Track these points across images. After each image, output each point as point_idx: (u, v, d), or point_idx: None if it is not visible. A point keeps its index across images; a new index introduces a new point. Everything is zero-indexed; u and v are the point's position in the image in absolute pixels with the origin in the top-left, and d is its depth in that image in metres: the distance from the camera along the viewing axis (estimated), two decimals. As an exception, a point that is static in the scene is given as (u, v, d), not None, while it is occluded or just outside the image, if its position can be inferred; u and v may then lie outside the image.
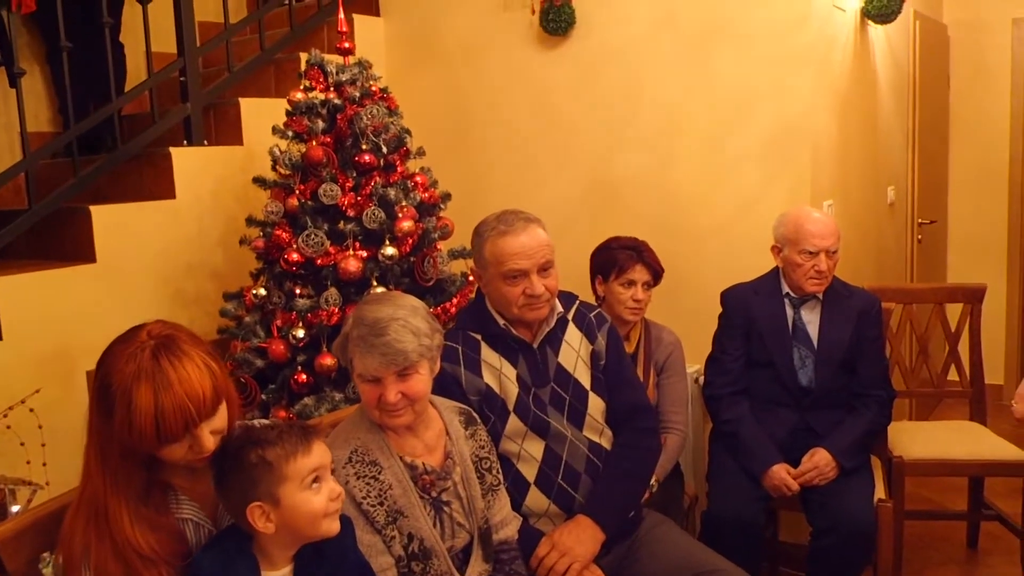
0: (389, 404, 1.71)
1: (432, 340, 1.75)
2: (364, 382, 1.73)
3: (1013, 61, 4.72)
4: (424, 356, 1.72)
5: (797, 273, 2.70)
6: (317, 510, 1.45)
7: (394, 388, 1.70)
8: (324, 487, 1.47)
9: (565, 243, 3.22)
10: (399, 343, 1.68)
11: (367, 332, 1.69)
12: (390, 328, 1.68)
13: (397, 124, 2.87)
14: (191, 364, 1.40)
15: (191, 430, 1.40)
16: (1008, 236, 4.86)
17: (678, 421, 2.79)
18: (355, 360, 1.72)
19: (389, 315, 1.70)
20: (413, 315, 1.73)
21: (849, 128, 3.49)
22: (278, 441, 1.46)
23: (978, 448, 2.93)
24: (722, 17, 3.19)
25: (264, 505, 1.43)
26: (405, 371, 1.71)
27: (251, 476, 1.43)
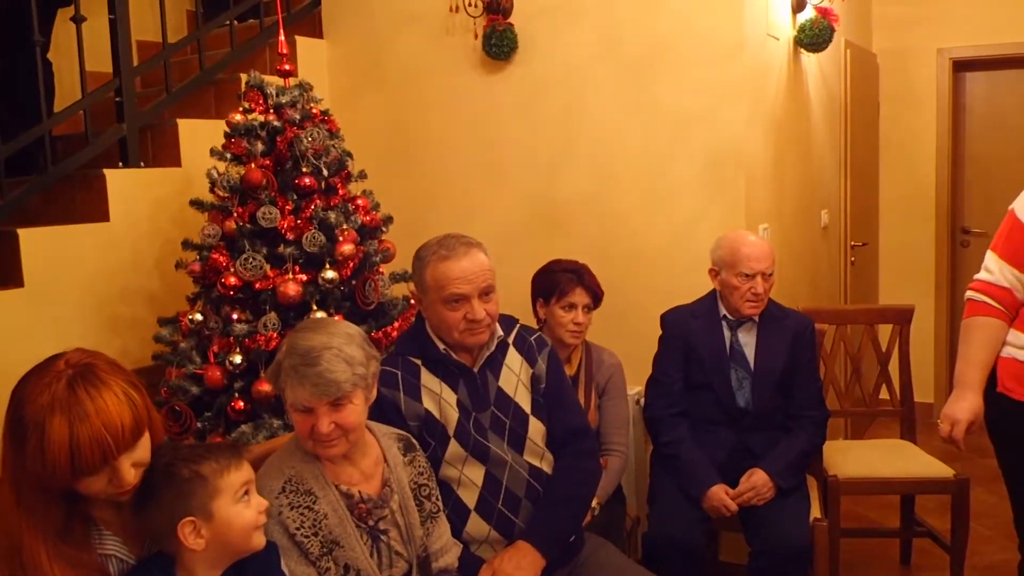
0: (322, 435, 1.68)
1: (367, 369, 1.73)
2: (296, 412, 1.71)
3: (938, 89, 4.90)
4: (358, 386, 1.70)
5: (734, 296, 2.75)
6: (249, 522, 1.49)
7: (327, 419, 1.68)
8: (253, 500, 1.52)
9: (507, 266, 3.24)
10: (331, 373, 1.65)
11: (299, 362, 1.66)
12: (322, 358, 1.66)
13: (338, 147, 2.85)
14: (110, 394, 1.36)
15: (109, 462, 1.36)
16: (935, 257, 5.03)
17: (619, 443, 2.81)
18: (287, 390, 1.70)
19: (322, 344, 1.68)
20: (348, 343, 1.71)
21: (783, 153, 3.58)
22: (210, 456, 1.49)
23: (908, 466, 3.00)
24: (660, 45, 3.25)
25: (196, 520, 1.44)
26: (338, 401, 1.68)
27: (183, 491, 1.44)
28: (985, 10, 4.75)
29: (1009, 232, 2.17)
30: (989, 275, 2.20)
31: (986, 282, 2.20)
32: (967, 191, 5.11)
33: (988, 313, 2.18)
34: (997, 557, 3.33)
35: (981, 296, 2.20)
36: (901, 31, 4.95)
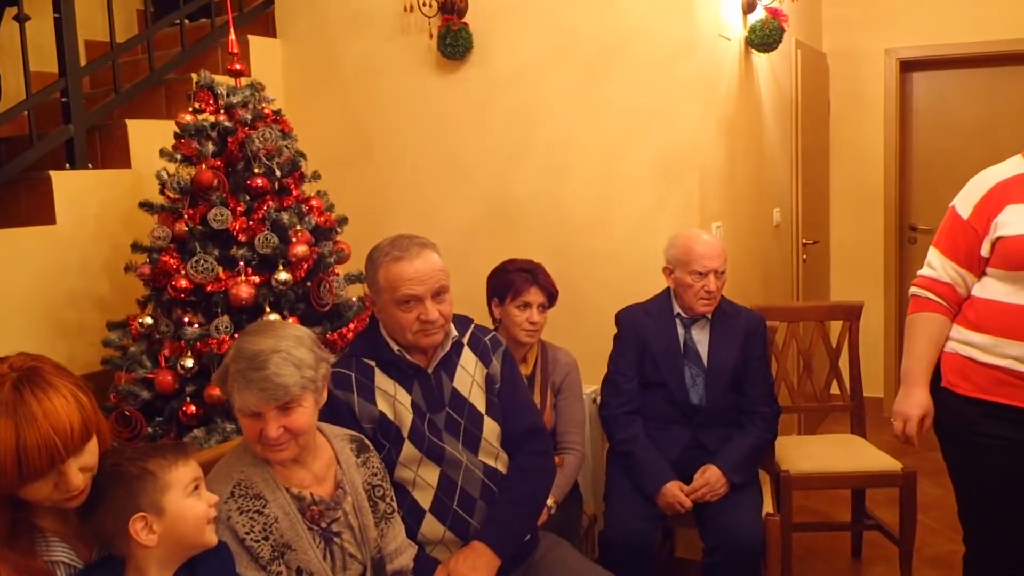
0: (271, 439, 1.67)
1: (317, 371, 1.72)
2: (244, 416, 1.69)
3: (886, 89, 5.01)
4: (307, 389, 1.69)
5: (687, 294, 2.78)
6: (202, 515, 1.50)
7: (275, 423, 1.67)
8: (204, 494, 1.53)
9: (463, 266, 3.24)
10: (279, 377, 1.64)
11: (246, 366, 1.65)
12: (270, 362, 1.65)
13: (291, 147, 2.83)
14: (57, 396, 1.35)
15: (57, 466, 1.34)
16: (884, 254, 5.13)
17: (575, 442, 2.82)
18: (234, 395, 1.68)
19: (270, 347, 1.67)
20: (296, 346, 1.69)
21: (736, 152, 3.63)
22: (156, 453, 1.50)
23: (857, 461, 3.06)
24: (613, 45, 3.28)
25: (148, 515, 1.44)
26: (287, 405, 1.67)
27: (132, 488, 1.44)
28: (931, 11, 4.86)
29: (950, 228, 2.21)
30: (932, 271, 2.25)
31: (929, 278, 2.25)
32: (914, 189, 5.23)
33: (931, 309, 2.23)
34: (944, 548, 3.42)
35: (924, 292, 2.25)
36: (850, 32, 5.04)
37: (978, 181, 2.19)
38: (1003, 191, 2.11)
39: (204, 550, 1.53)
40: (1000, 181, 2.13)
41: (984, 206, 2.12)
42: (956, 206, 2.20)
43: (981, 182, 2.18)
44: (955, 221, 2.20)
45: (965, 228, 2.16)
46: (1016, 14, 4.64)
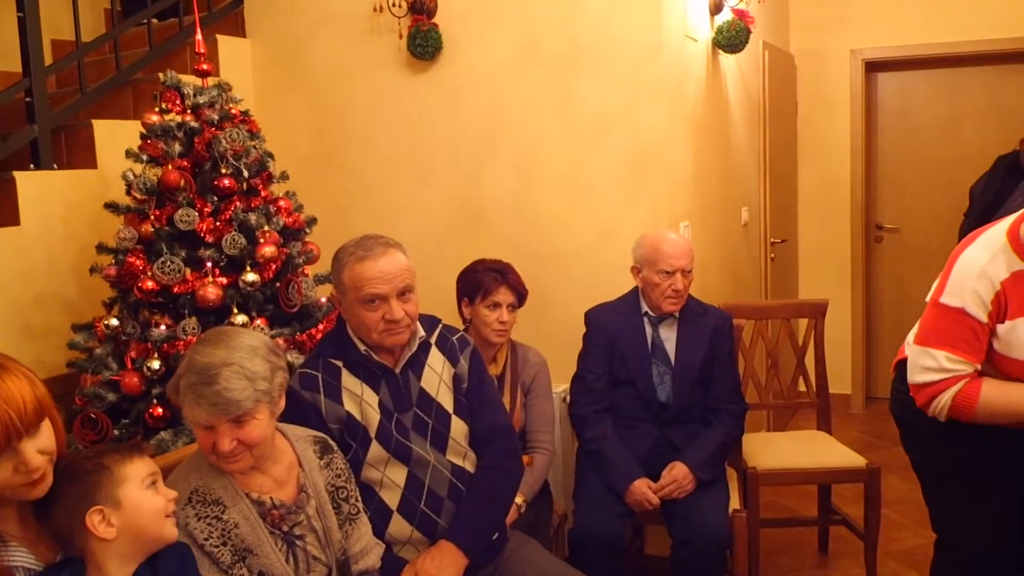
0: (223, 452, 1.66)
1: (272, 382, 1.69)
2: (198, 428, 1.68)
3: (852, 89, 5.07)
4: (261, 401, 1.67)
5: (655, 293, 2.81)
6: (160, 507, 1.51)
7: (228, 436, 1.65)
8: (161, 488, 1.54)
9: (434, 266, 3.26)
10: (229, 392, 1.62)
11: (196, 380, 1.63)
12: (220, 376, 1.62)
13: (259, 147, 2.82)
14: (9, 375, 1.37)
15: (13, 443, 1.35)
16: (851, 252, 5.20)
17: (545, 440, 2.84)
18: (185, 408, 1.66)
19: (222, 360, 1.64)
20: (250, 357, 1.67)
21: (704, 152, 3.66)
22: (111, 450, 1.53)
23: (823, 457, 3.10)
24: (581, 46, 3.29)
25: (105, 509, 1.45)
26: (240, 418, 1.65)
27: (88, 483, 1.46)
28: (895, 13, 4.92)
29: (971, 332, 2.01)
30: (962, 367, 2.05)
31: (960, 375, 2.04)
32: (880, 188, 5.30)
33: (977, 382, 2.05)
34: (910, 543, 3.47)
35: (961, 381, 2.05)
36: (817, 33, 5.10)
37: (979, 279, 1.99)
38: (1011, 295, 1.99)
39: (165, 545, 1.53)
40: (1003, 280, 1.98)
41: (997, 310, 2.01)
42: (966, 308, 1.99)
43: (984, 280, 1.99)
44: (973, 323, 2.00)
45: (986, 330, 2.01)
46: (976, 16, 4.72)
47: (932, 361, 2.03)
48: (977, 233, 2.09)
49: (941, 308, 2.04)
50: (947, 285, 2.04)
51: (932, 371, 2.05)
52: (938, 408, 2.06)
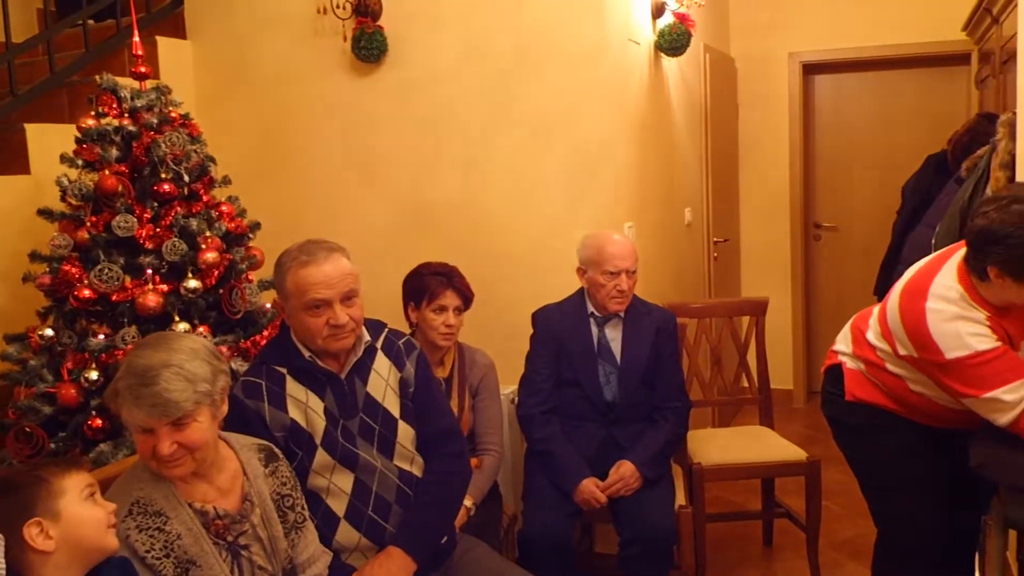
0: (164, 456, 1.63)
1: (213, 385, 1.68)
2: (137, 432, 1.66)
3: (790, 91, 5.19)
4: (202, 403, 1.65)
5: (600, 293, 2.84)
6: (101, 518, 1.49)
7: (168, 439, 1.63)
8: (100, 500, 1.52)
9: (379, 270, 3.25)
10: (169, 393, 1.60)
11: (135, 382, 1.61)
12: (160, 377, 1.60)
13: (200, 151, 2.78)
14: None
15: None
16: (791, 251, 5.32)
17: (494, 442, 2.85)
18: (123, 411, 1.63)
19: (161, 362, 1.62)
20: (191, 359, 1.65)
21: (647, 154, 3.71)
22: (47, 462, 1.52)
23: (765, 451, 3.17)
24: (524, 49, 3.31)
25: (43, 521, 1.43)
26: (180, 421, 1.64)
27: (24, 495, 1.44)
28: (832, 16, 5.05)
29: (999, 360, 1.99)
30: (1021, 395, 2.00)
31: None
32: (818, 188, 5.43)
33: None
34: (850, 533, 3.57)
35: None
36: (756, 36, 5.20)
37: (964, 323, 2.01)
38: (998, 329, 2.02)
39: (105, 557, 1.51)
40: (985, 318, 2.01)
41: (1000, 335, 2.02)
42: (976, 348, 1.98)
43: (968, 323, 2.01)
44: (991, 354, 1.99)
45: (1005, 346, 2.02)
46: (908, 20, 4.86)
47: (998, 403, 1.99)
48: (921, 285, 2.08)
49: (953, 364, 2.00)
50: (938, 344, 2.00)
51: (1007, 410, 1.98)
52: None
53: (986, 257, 1.92)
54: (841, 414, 2.40)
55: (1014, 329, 2.03)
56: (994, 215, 1.90)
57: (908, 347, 2.09)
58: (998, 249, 1.89)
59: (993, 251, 1.90)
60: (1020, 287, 1.92)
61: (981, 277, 1.96)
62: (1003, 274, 1.91)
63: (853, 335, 2.38)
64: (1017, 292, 1.94)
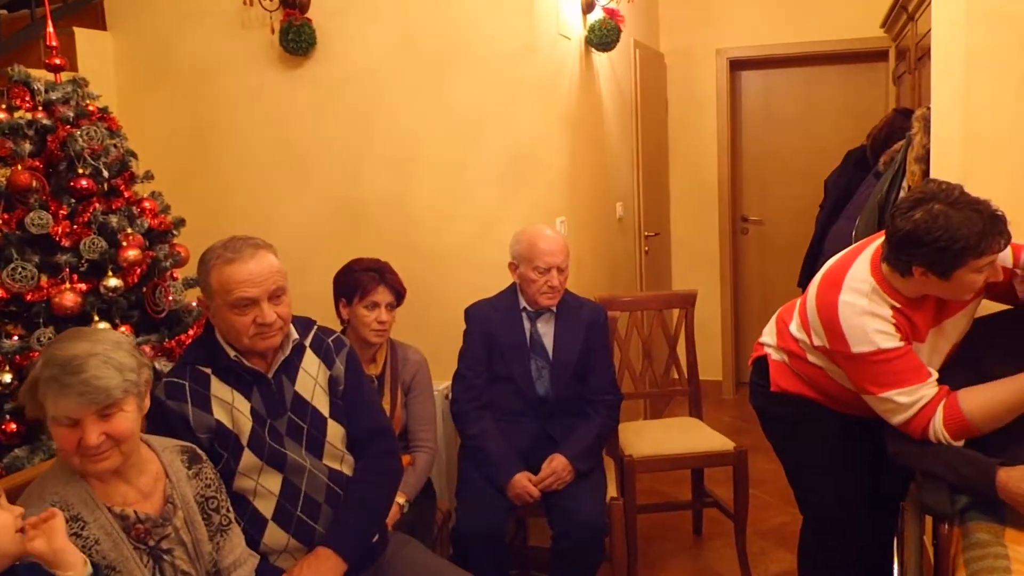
0: (91, 448, 1.59)
1: (139, 375, 1.65)
2: (60, 426, 1.60)
3: (717, 87, 5.28)
4: (130, 392, 1.63)
5: (531, 288, 2.85)
6: (8, 523, 1.44)
7: (95, 429, 1.59)
8: (5, 505, 1.46)
9: (310, 267, 3.21)
10: (99, 380, 1.57)
11: (59, 371, 1.57)
12: (88, 364, 1.57)
13: (121, 146, 2.70)
14: None
15: None
16: (719, 244, 5.42)
17: (427, 439, 2.84)
18: (47, 403, 1.59)
19: (87, 351, 1.59)
20: (116, 349, 1.63)
21: (578, 149, 3.73)
22: None
23: (694, 442, 3.22)
24: (456, 43, 3.30)
25: None
26: (107, 410, 1.60)
27: None
28: (758, 13, 5.15)
29: (900, 361, 2.05)
30: (914, 399, 2.05)
31: (925, 403, 2.04)
32: (745, 182, 5.54)
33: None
34: (777, 521, 3.66)
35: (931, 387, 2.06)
36: (684, 32, 5.28)
37: (872, 319, 2.05)
38: (903, 324, 2.07)
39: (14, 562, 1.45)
40: (891, 315, 2.06)
41: (904, 333, 2.07)
42: (880, 346, 2.03)
43: (876, 320, 2.05)
44: (893, 353, 2.04)
45: (908, 347, 2.07)
46: (829, 16, 4.99)
47: (891, 403, 2.06)
48: (837, 277, 2.13)
49: (858, 357, 2.06)
50: (847, 337, 2.06)
51: (899, 411, 2.05)
52: (941, 437, 2.02)
53: (912, 258, 1.97)
54: (767, 405, 2.46)
55: (924, 320, 2.11)
56: (918, 217, 1.95)
57: (822, 338, 2.15)
58: (925, 251, 1.94)
59: (919, 252, 1.95)
60: (943, 283, 1.98)
61: (904, 274, 2.02)
62: (929, 272, 1.97)
63: (777, 327, 2.43)
64: (939, 286, 2.00)
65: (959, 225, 1.90)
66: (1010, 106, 2.42)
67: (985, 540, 1.91)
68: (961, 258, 1.91)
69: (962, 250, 1.90)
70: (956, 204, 1.93)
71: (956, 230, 1.90)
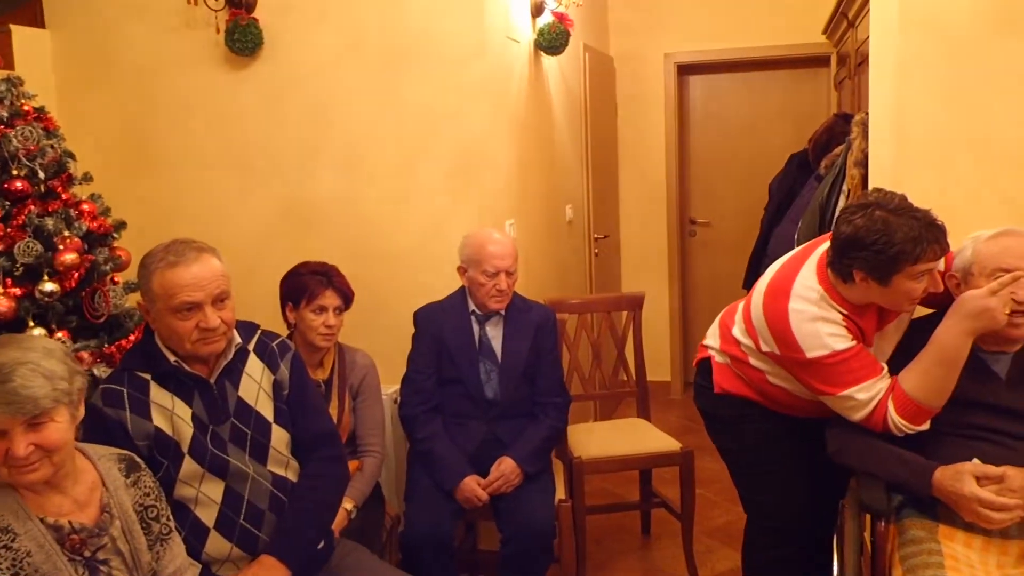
0: (19, 459, 1.55)
1: (71, 384, 1.62)
2: None
3: (665, 91, 5.34)
4: (60, 402, 1.59)
5: (480, 292, 2.85)
6: None
7: (23, 440, 1.55)
8: None
9: (257, 271, 3.17)
10: (27, 389, 1.53)
11: None
12: (16, 373, 1.53)
13: (58, 147, 2.63)
14: None
15: None
16: (668, 247, 5.48)
17: (375, 444, 2.82)
18: None
19: (15, 359, 1.55)
20: (46, 358, 1.58)
21: (528, 152, 3.75)
22: None
23: (641, 443, 3.25)
24: (405, 45, 3.28)
25: None
26: (37, 419, 1.56)
27: None
28: (704, 19, 5.23)
29: (855, 359, 2.08)
30: (871, 395, 2.09)
31: (881, 397, 2.09)
32: (692, 185, 5.62)
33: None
34: (722, 519, 3.71)
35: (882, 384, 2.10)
36: (633, 37, 5.33)
37: (824, 324, 2.08)
38: (853, 329, 2.11)
39: None
40: (840, 319, 2.09)
41: (855, 335, 2.11)
42: (834, 348, 2.06)
43: (827, 324, 2.08)
44: (848, 353, 2.08)
45: (860, 344, 2.11)
46: (773, 22, 5.09)
47: (852, 401, 2.09)
48: (784, 285, 2.16)
49: (814, 362, 2.09)
50: (800, 344, 2.08)
51: (859, 408, 2.08)
52: (901, 428, 2.06)
53: (853, 262, 2.01)
54: (710, 406, 2.50)
55: (869, 326, 2.15)
56: (859, 222, 1.99)
57: (772, 344, 2.18)
58: (864, 255, 1.98)
59: (859, 256, 1.99)
60: (883, 289, 2.02)
61: (846, 280, 2.06)
62: (868, 278, 2.01)
63: (720, 330, 2.47)
64: (880, 293, 2.05)
65: (896, 229, 1.94)
66: (940, 112, 2.49)
67: (920, 537, 1.97)
68: (898, 263, 1.96)
69: (898, 254, 1.95)
70: (897, 211, 1.98)
71: (893, 234, 1.94)
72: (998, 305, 1.98)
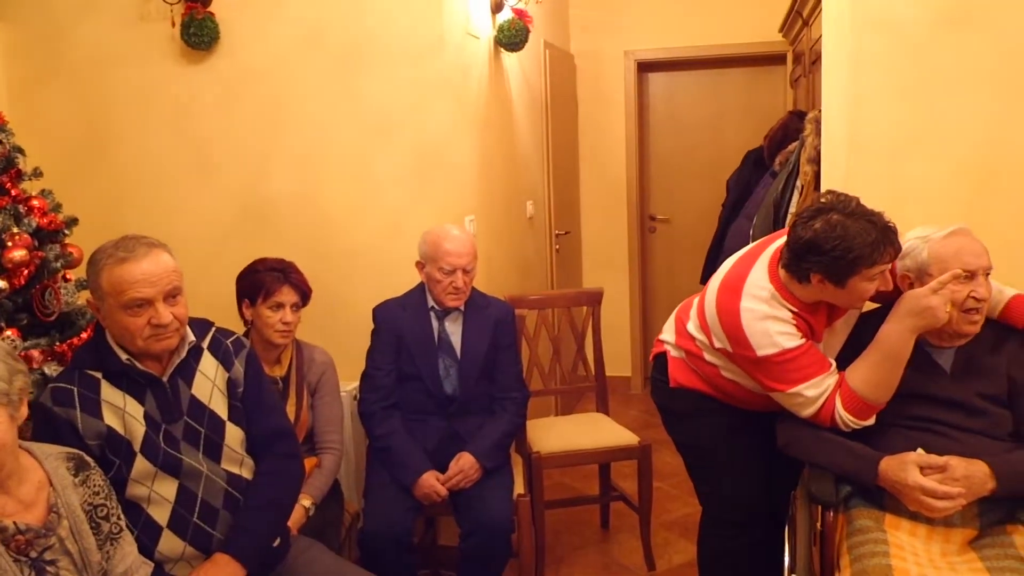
0: None
1: (11, 384, 1.59)
2: None
3: (626, 88, 5.37)
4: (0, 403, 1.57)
5: (437, 289, 2.85)
6: None
7: None
8: None
9: (214, 268, 3.14)
10: None
11: None
12: None
13: (7, 142, 2.59)
14: None
15: None
16: (628, 243, 5.52)
17: (334, 441, 2.81)
18: None
19: None
20: None
21: (488, 148, 3.75)
22: None
23: (600, 437, 3.28)
24: (364, 40, 3.27)
25: None
26: None
27: None
28: (663, 17, 5.27)
29: (804, 356, 2.12)
30: (820, 391, 2.13)
31: (829, 393, 2.13)
32: (652, 182, 5.66)
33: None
34: (680, 512, 3.75)
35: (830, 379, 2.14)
36: (594, 34, 5.36)
37: (774, 323, 2.12)
38: (803, 327, 2.14)
39: None
40: (790, 318, 2.13)
41: (804, 332, 2.15)
42: (784, 346, 2.10)
43: (777, 323, 2.12)
44: (797, 351, 2.11)
45: (808, 342, 2.14)
46: (731, 20, 5.14)
47: (800, 397, 2.12)
48: (735, 284, 2.19)
49: (764, 360, 2.13)
50: (751, 342, 2.12)
51: (808, 404, 2.12)
52: (848, 423, 2.10)
53: (812, 266, 2.05)
54: (667, 400, 2.53)
55: (819, 322, 2.19)
56: (818, 227, 2.03)
57: (724, 341, 2.22)
58: (822, 259, 2.02)
59: (817, 260, 2.03)
60: (838, 290, 2.06)
61: (802, 281, 2.09)
62: (825, 280, 2.05)
63: (676, 325, 2.50)
64: (834, 294, 2.09)
65: (855, 235, 1.98)
66: (892, 110, 2.54)
67: (867, 526, 2.01)
68: (855, 267, 2.00)
69: (856, 259, 1.99)
70: (853, 215, 2.02)
71: (852, 239, 1.98)
72: (939, 303, 2.03)
